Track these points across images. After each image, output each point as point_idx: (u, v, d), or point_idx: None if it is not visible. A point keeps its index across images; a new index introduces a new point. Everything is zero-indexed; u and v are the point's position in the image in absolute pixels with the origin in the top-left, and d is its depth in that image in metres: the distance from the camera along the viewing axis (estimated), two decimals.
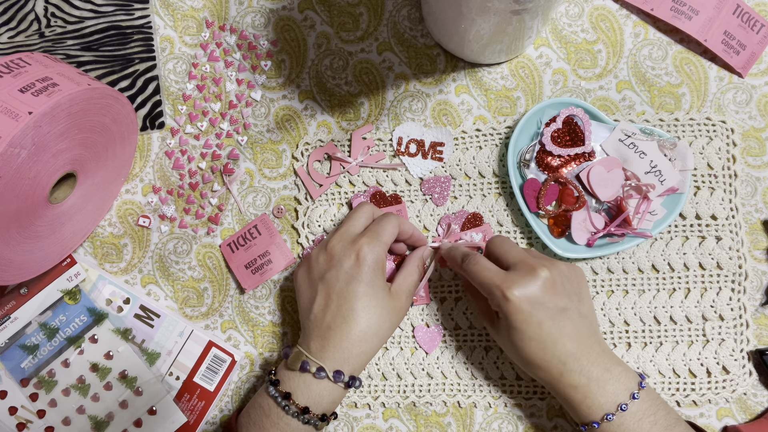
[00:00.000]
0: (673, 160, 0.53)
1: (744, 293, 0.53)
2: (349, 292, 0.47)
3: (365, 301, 0.47)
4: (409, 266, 0.51)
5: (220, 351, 0.57)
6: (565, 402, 0.46)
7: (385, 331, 0.48)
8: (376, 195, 0.56)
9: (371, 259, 0.47)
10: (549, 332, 0.44)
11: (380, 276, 0.48)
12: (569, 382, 0.44)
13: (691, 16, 0.55)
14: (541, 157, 0.54)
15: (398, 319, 0.49)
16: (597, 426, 0.44)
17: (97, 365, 0.56)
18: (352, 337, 0.46)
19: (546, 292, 0.45)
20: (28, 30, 0.61)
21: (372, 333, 0.47)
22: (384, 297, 0.48)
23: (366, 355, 0.47)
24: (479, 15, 0.46)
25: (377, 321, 0.47)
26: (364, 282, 0.47)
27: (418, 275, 0.52)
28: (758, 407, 0.53)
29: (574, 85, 0.57)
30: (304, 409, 0.45)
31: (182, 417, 0.56)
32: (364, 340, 0.47)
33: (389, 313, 0.48)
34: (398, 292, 0.49)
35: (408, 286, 0.50)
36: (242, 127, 0.59)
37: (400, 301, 0.49)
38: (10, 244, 0.48)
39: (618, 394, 0.44)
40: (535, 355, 0.45)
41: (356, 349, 0.46)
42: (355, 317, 0.46)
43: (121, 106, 0.53)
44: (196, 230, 0.59)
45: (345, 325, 0.46)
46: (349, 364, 0.46)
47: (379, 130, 0.58)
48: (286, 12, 0.60)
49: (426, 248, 0.54)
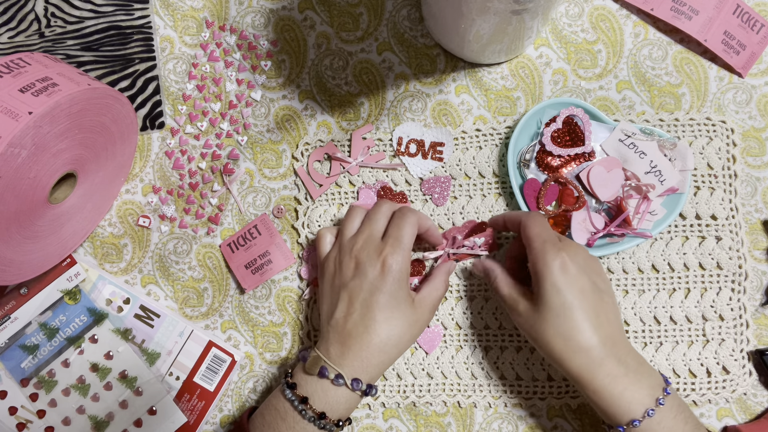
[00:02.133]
0: (673, 160, 0.53)
1: (744, 293, 0.53)
2: (372, 302, 0.46)
3: (387, 312, 0.46)
4: (436, 280, 0.50)
5: (220, 351, 0.57)
6: (600, 396, 0.43)
7: (405, 343, 0.47)
8: (383, 190, 0.57)
9: (396, 269, 0.47)
10: (591, 303, 0.43)
11: (404, 286, 0.48)
12: (609, 371, 0.42)
13: (691, 16, 0.55)
14: (541, 157, 0.54)
15: (418, 330, 0.48)
16: (638, 424, 0.41)
17: (97, 365, 0.56)
18: (372, 347, 0.46)
19: (589, 264, 0.44)
20: (28, 30, 0.61)
21: (392, 344, 0.46)
22: (406, 308, 0.47)
23: (384, 364, 0.47)
24: (479, 15, 0.46)
25: (398, 332, 0.47)
26: (388, 293, 0.47)
27: (444, 289, 0.51)
28: (758, 407, 0.53)
29: (574, 85, 0.57)
30: (320, 414, 0.45)
31: (182, 417, 0.56)
32: (383, 350, 0.46)
33: (411, 325, 0.47)
34: (422, 304, 0.49)
35: (433, 299, 0.50)
36: (242, 127, 0.59)
37: (423, 313, 0.48)
38: (10, 244, 0.48)
39: (654, 388, 0.42)
40: (577, 330, 0.43)
41: (375, 359, 0.46)
42: (376, 327, 0.46)
43: (121, 106, 0.53)
44: (196, 230, 0.59)
45: (366, 335, 0.46)
46: (367, 373, 0.46)
47: (379, 130, 0.58)
48: (286, 12, 0.60)
49: (452, 263, 0.53)
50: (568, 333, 0.43)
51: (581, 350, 0.43)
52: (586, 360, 0.43)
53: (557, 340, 0.44)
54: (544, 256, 0.44)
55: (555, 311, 0.44)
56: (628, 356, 0.43)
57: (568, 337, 0.43)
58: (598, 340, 0.43)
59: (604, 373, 0.42)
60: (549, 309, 0.44)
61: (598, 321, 0.43)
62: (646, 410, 0.42)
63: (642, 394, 0.42)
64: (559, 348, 0.44)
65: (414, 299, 0.49)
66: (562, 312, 0.43)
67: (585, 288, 0.44)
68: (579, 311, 0.43)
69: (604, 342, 0.43)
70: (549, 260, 0.44)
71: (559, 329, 0.44)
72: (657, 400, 0.42)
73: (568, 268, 0.44)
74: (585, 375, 0.43)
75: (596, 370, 0.43)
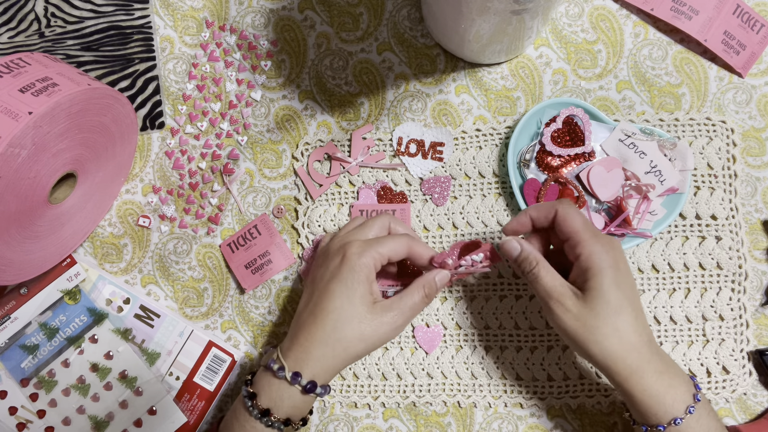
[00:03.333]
0: (673, 160, 0.53)
1: (744, 293, 0.53)
2: (326, 290, 0.44)
3: (338, 302, 0.44)
4: (412, 287, 0.46)
5: (220, 351, 0.57)
6: (649, 395, 0.41)
7: (353, 342, 0.44)
8: (383, 190, 0.57)
9: (355, 261, 0.44)
10: (638, 301, 0.42)
11: (362, 281, 0.44)
12: (656, 368, 0.41)
13: (691, 16, 0.55)
14: (541, 157, 0.54)
15: (373, 334, 0.44)
16: (680, 422, 0.41)
17: (97, 365, 0.56)
18: (315, 337, 0.43)
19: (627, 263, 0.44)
20: (28, 30, 0.61)
21: (335, 337, 0.43)
22: (361, 305, 0.44)
23: (326, 359, 0.43)
24: (479, 15, 0.46)
25: (345, 326, 0.43)
26: (343, 282, 0.44)
27: (420, 298, 0.46)
28: (758, 407, 0.53)
29: (574, 85, 0.57)
30: (264, 411, 0.43)
31: (182, 417, 0.56)
32: (326, 342, 0.43)
33: (362, 323, 0.44)
34: (385, 308, 0.45)
35: (400, 307, 0.45)
36: (242, 127, 0.59)
37: (383, 317, 0.44)
38: (10, 244, 0.48)
39: (689, 385, 0.42)
40: (632, 328, 0.41)
41: (317, 351, 0.43)
42: (323, 317, 0.44)
43: (121, 106, 0.53)
44: (196, 230, 0.59)
45: (312, 324, 0.44)
46: (309, 367, 0.43)
47: (379, 130, 0.58)
48: (286, 12, 0.60)
49: (441, 272, 0.47)
50: (623, 330, 0.41)
51: (634, 348, 0.42)
52: (638, 358, 0.42)
53: (613, 338, 0.42)
54: (598, 251, 0.42)
55: (613, 308, 0.41)
56: (663, 353, 0.43)
57: (624, 334, 0.41)
58: (646, 338, 0.42)
59: (653, 370, 0.41)
60: (606, 305, 0.41)
61: (643, 318, 0.43)
62: (687, 407, 0.41)
63: (682, 390, 0.41)
64: (614, 346, 0.42)
65: (376, 301, 0.45)
66: (620, 309, 0.42)
67: (633, 285, 0.43)
68: (631, 308, 0.42)
69: (650, 339, 0.42)
70: (604, 255, 0.42)
71: (616, 326, 0.41)
72: (694, 396, 0.41)
73: (621, 264, 0.42)
74: (637, 373, 0.42)
75: (646, 368, 0.41)
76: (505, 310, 0.55)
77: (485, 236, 0.56)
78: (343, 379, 0.56)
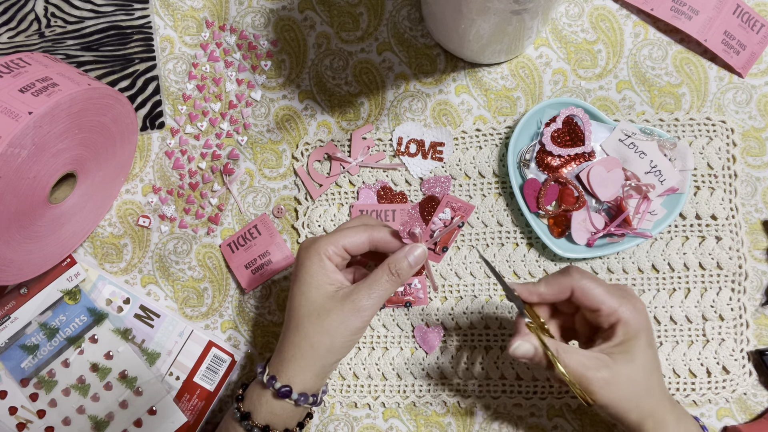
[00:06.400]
0: (673, 160, 0.53)
1: (744, 293, 0.53)
2: (290, 294, 0.44)
3: (296, 301, 0.43)
4: (377, 271, 0.43)
5: (220, 351, 0.57)
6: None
7: (317, 336, 0.42)
8: (383, 190, 0.57)
9: (304, 255, 0.43)
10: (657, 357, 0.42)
11: (315, 274, 0.43)
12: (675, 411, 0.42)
13: (691, 16, 0.55)
14: (541, 157, 0.54)
15: (340, 325, 0.42)
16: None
17: (97, 365, 0.56)
18: (286, 341, 0.43)
19: None
20: (28, 30, 0.61)
21: (301, 336, 0.42)
22: (318, 297, 0.42)
23: (297, 360, 0.42)
24: (479, 15, 0.46)
25: (306, 323, 0.42)
26: (299, 281, 0.43)
27: (387, 278, 0.43)
28: (758, 407, 0.53)
29: (574, 85, 0.57)
30: (245, 414, 0.43)
31: (182, 417, 0.56)
32: (294, 343, 0.43)
33: (322, 316, 0.42)
34: (347, 293, 0.42)
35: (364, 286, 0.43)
36: (242, 127, 0.59)
37: (345, 303, 0.42)
38: (10, 244, 0.48)
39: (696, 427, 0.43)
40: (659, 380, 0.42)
41: (287, 353, 0.43)
42: (289, 320, 0.44)
43: (121, 106, 0.53)
44: (196, 230, 0.59)
45: (285, 329, 0.44)
46: (285, 372, 0.42)
47: (379, 130, 0.58)
48: (286, 12, 0.60)
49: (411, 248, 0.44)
50: (654, 384, 0.41)
51: (665, 397, 0.42)
52: (669, 405, 0.42)
53: (650, 396, 0.41)
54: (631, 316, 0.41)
55: (648, 368, 0.41)
56: (672, 398, 0.44)
57: (655, 388, 0.41)
58: (665, 382, 0.43)
59: (676, 414, 0.42)
60: (642, 368, 0.41)
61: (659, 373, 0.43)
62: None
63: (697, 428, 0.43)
64: (651, 404, 0.41)
65: (339, 289, 0.43)
66: (653, 367, 0.41)
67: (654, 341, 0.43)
68: (659, 364, 0.42)
69: (667, 396, 0.43)
70: (639, 317, 0.41)
71: (650, 385, 0.41)
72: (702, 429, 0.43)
73: (649, 321, 0.42)
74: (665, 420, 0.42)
75: (671, 411, 0.42)
76: (505, 310, 0.55)
77: (486, 236, 0.56)
78: (343, 379, 0.56)
